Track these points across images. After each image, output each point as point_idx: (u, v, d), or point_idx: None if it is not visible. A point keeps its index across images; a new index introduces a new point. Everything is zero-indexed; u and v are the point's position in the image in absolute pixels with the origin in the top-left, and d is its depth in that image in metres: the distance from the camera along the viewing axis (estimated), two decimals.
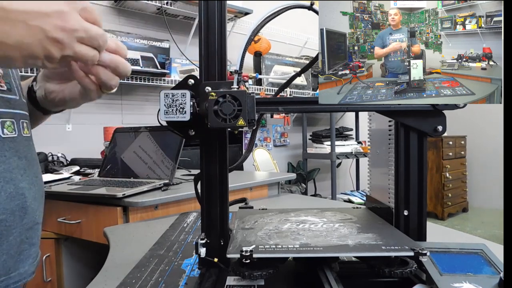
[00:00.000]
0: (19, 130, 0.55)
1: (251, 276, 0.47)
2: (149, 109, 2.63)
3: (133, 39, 2.34)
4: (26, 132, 0.57)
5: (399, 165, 0.58)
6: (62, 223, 1.21)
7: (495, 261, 0.48)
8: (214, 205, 0.55)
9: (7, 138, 0.53)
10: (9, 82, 0.55)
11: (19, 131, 0.55)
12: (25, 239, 0.56)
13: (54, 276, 1.33)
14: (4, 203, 0.52)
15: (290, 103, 0.54)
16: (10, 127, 0.54)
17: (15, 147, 0.54)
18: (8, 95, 0.55)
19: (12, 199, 0.53)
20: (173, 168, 1.29)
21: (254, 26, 0.55)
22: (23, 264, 0.56)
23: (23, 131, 0.56)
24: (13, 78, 0.57)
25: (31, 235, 0.57)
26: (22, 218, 0.54)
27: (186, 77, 0.53)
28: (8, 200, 0.52)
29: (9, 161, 0.53)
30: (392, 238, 0.51)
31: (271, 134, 3.55)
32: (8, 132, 0.53)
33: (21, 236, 0.55)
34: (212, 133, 0.53)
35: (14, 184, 0.53)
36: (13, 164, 0.53)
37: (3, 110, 0.53)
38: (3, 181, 0.52)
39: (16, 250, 0.54)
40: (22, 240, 0.55)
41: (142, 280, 0.57)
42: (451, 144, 4.57)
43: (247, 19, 2.97)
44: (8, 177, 0.52)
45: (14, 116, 0.55)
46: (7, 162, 0.52)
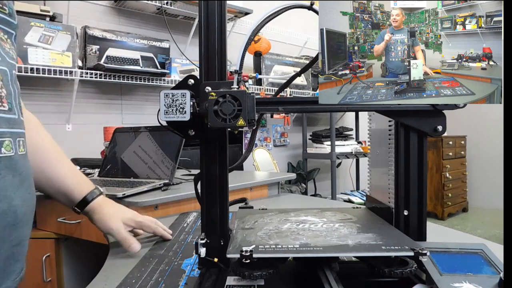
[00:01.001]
0: (15, 149, 0.56)
1: (251, 276, 0.47)
2: (149, 109, 2.63)
3: (133, 39, 2.34)
4: (21, 150, 0.58)
5: (399, 165, 0.58)
6: (62, 223, 1.21)
7: (495, 261, 0.48)
8: (214, 205, 0.55)
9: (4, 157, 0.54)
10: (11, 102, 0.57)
11: (16, 150, 0.57)
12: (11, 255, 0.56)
13: (54, 276, 1.33)
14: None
15: (290, 103, 0.54)
16: (8, 146, 0.55)
17: (11, 165, 0.55)
18: (9, 115, 0.56)
19: (4, 217, 0.53)
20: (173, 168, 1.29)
21: (254, 26, 0.55)
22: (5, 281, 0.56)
23: (19, 149, 0.57)
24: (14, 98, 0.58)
25: (17, 251, 0.58)
26: (10, 235, 0.55)
27: (186, 77, 0.53)
28: (0, 218, 0.53)
29: (4, 179, 0.53)
30: (392, 238, 0.51)
31: (271, 134, 3.55)
32: (6, 151, 0.54)
33: (8, 252, 0.55)
34: (212, 133, 0.53)
35: (7, 202, 0.54)
36: (7, 182, 0.54)
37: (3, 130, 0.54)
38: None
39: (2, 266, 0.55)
40: (8, 256, 0.56)
41: (142, 280, 0.57)
42: (451, 144, 4.57)
43: (247, 19, 2.97)
44: (2, 195, 0.53)
45: (12, 135, 0.56)
46: (2, 180, 0.53)
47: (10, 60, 0.59)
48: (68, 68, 2.07)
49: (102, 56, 2.20)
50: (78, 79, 2.14)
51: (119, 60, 2.26)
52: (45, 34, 1.99)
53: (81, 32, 2.19)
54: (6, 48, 0.59)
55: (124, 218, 0.77)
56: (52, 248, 1.32)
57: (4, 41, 0.59)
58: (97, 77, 2.19)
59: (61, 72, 2.05)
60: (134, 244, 0.71)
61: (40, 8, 2.01)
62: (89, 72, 2.17)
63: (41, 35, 1.97)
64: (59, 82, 2.24)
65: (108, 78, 2.24)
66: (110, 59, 2.22)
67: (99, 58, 2.20)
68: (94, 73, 2.18)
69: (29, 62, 1.93)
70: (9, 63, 0.58)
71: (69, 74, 2.10)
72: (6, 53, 0.58)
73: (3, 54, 0.57)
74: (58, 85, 2.25)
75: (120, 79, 2.29)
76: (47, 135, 0.80)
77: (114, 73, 2.25)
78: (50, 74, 2.00)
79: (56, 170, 0.77)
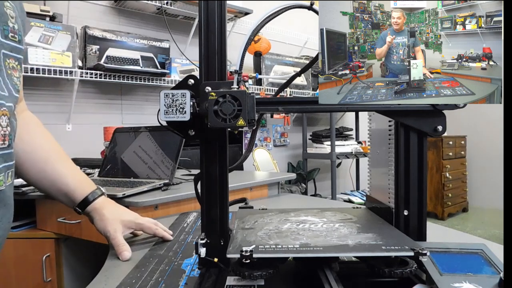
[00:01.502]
0: (5, 182, 0.57)
1: (251, 276, 0.47)
2: (149, 109, 2.63)
3: (133, 39, 2.34)
4: (9, 180, 0.59)
5: (399, 165, 0.58)
6: (62, 223, 1.21)
7: (495, 261, 0.48)
8: (214, 205, 0.55)
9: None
10: (11, 138, 0.57)
11: (5, 182, 0.57)
12: None
13: (54, 276, 1.33)
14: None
15: (290, 103, 0.54)
16: (1, 181, 0.56)
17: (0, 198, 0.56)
18: (7, 151, 0.57)
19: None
20: (173, 168, 1.29)
21: (254, 26, 0.55)
22: None
23: (7, 180, 0.58)
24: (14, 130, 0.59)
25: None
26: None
27: (186, 77, 0.53)
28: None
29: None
30: (392, 238, 0.51)
31: (271, 134, 3.55)
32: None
33: None
34: (212, 133, 0.53)
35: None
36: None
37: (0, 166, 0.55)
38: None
39: None
40: None
41: (142, 280, 0.57)
42: (451, 144, 4.57)
43: (247, 19, 2.97)
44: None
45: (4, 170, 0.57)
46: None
47: (16, 94, 0.60)
48: (68, 68, 2.07)
49: (102, 56, 2.20)
50: (78, 79, 2.14)
51: (119, 60, 2.26)
52: (45, 34, 1.99)
53: (81, 32, 2.19)
54: (15, 79, 0.60)
55: (124, 220, 0.77)
56: (52, 248, 1.32)
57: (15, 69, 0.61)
58: (97, 77, 2.19)
59: (61, 72, 2.05)
60: (125, 252, 0.70)
61: (40, 8, 2.01)
62: (89, 72, 2.17)
63: (41, 35, 1.98)
64: (59, 82, 2.24)
65: (108, 78, 2.24)
66: (110, 59, 2.22)
67: (99, 58, 2.20)
68: (94, 73, 2.18)
69: (29, 62, 1.93)
70: (15, 97, 0.60)
71: (69, 74, 2.10)
72: (13, 86, 0.60)
73: (10, 88, 0.58)
74: (58, 85, 2.25)
75: (120, 79, 2.29)
76: (48, 135, 0.81)
77: (114, 73, 2.25)
78: (50, 74, 2.01)
79: (58, 170, 0.77)
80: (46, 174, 0.76)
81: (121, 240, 0.73)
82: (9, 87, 0.58)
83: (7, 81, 0.58)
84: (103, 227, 0.75)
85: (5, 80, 0.57)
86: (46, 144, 0.78)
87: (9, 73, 0.58)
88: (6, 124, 0.56)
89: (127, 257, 0.70)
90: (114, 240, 0.73)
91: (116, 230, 0.74)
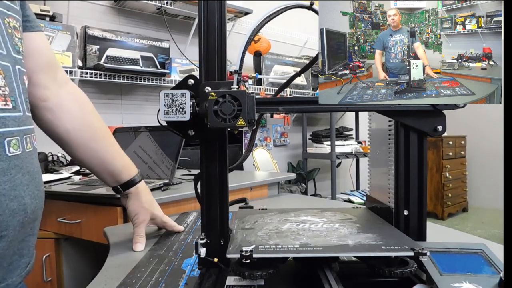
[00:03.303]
0: (22, 147, 0.56)
1: (251, 276, 0.47)
2: (149, 109, 2.63)
3: (133, 39, 2.34)
4: (29, 147, 0.58)
5: (399, 165, 0.58)
6: (62, 223, 1.21)
7: (495, 261, 0.48)
8: (214, 205, 0.55)
9: (13, 156, 0.54)
10: (15, 100, 0.56)
11: (23, 148, 0.57)
12: (16, 251, 0.57)
13: (54, 276, 1.33)
14: (7, 220, 0.52)
15: (290, 103, 0.54)
16: (15, 145, 0.55)
17: (20, 164, 0.55)
18: (14, 113, 0.56)
19: (15, 216, 0.53)
20: (173, 168, 1.29)
21: (254, 26, 0.55)
22: (11, 275, 0.56)
23: (26, 146, 0.57)
24: (18, 94, 0.58)
25: (22, 246, 0.58)
26: (19, 232, 0.55)
27: (186, 77, 0.53)
28: (11, 218, 0.53)
29: (13, 178, 0.54)
30: (392, 238, 0.51)
31: (271, 134, 3.55)
32: (14, 150, 0.54)
33: (14, 248, 0.55)
34: (212, 133, 0.53)
35: (17, 201, 0.54)
36: (17, 181, 0.54)
37: (9, 130, 0.54)
38: (8, 199, 0.52)
39: (8, 261, 0.55)
40: (14, 252, 0.56)
41: (142, 280, 0.57)
42: (451, 144, 4.57)
43: (247, 19, 2.97)
44: (13, 195, 0.53)
45: (19, 133, 0.56)
46: (12, 180, 0.53)
47: (15, 55, 0.58)
48: (68, 68, 2.07)
49: (102, 56, 2.20)
50: (78, 79, 2.14)
51: (119, 60, 2.26)
52: (45, 34, 1.99)
53: (81, 32, 2.19)
54: (16, 39, 0.59)
55: (154, 214, 0.81)
56: (52, 248, 1.32)
57: (17, 30, 0.59)
58: (97, 77, 2.19)
59: None
60: (139, 244, 0.74)
61: (40, 8, 2.01)
62: (89, 72, 2.17)
63: None
64: None
65: (108, 78, 2.24)
66: (110, 59, 2.22)
67: (99, 58, 2.20)
68: (94, 73, 2.18)
69: None
70: (14, 58, 0.58)
71: (69, 74, 2.10)
72: (13, 46, 0.58)
73: (9, 47, 0.57)
74: None
75: (120, 79, 2.29)
76: (96, 113, 0.81)
77: (114, 73, 2.25)
78: None
79: (108, 150, 0.79)
80: (97, 154, 0.78)
81: (142, 232, 0.78)
82: (8, 46, 0.56)
83: (7, 39, 0.56)
84: (135, 212, 0.79)
85: (4, 39, 0.56)
86: (95, 122, 0.80)
87: (9, 32, 0.57)
88: (4, 84, 0.54)
89: (139, 249, 0.73)
90: (136, 228, 0.78)
91: (144, 221, 0.79)
